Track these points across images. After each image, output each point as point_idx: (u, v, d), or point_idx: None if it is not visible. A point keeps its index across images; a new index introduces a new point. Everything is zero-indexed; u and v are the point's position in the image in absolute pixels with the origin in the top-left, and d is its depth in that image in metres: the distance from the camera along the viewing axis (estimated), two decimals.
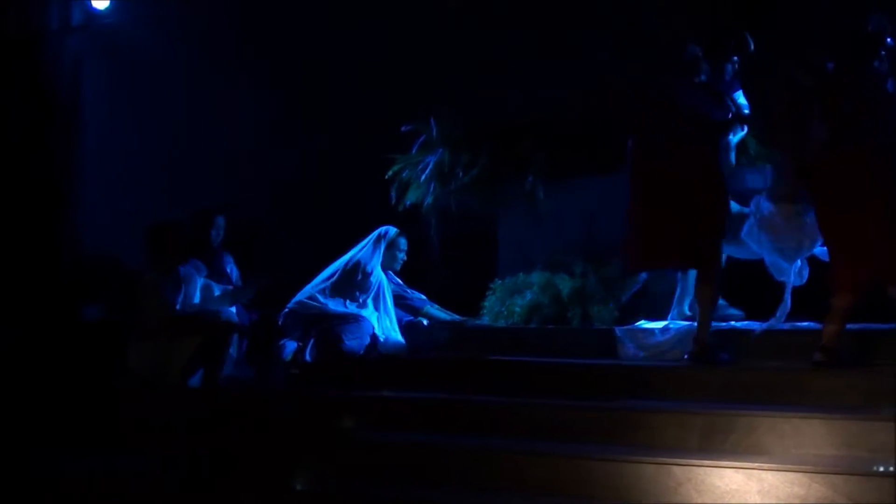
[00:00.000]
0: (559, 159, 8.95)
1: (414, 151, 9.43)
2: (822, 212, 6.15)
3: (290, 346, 7.66)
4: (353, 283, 7.82)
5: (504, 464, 5.55)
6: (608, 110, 8.51)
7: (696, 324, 6.88)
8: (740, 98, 7.61)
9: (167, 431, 6.71)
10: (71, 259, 10.20)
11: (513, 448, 5.67)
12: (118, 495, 6.12)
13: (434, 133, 9.32)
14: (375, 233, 8.07)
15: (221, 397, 7.00)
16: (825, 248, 6.32)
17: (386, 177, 9.40)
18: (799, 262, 6.61)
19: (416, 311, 8.10)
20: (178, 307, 7.33)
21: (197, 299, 7.56)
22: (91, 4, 10.62)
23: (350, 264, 7.91)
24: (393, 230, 8.11)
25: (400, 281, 8.14)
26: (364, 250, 7.97)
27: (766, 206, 6.60)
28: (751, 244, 6.75)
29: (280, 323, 7.80)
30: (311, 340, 7.57)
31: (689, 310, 7.31)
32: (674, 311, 7.37)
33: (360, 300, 7.76)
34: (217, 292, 7.65)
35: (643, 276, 7.72)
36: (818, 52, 6.51)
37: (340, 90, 10.74)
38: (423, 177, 9.19)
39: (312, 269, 8.06)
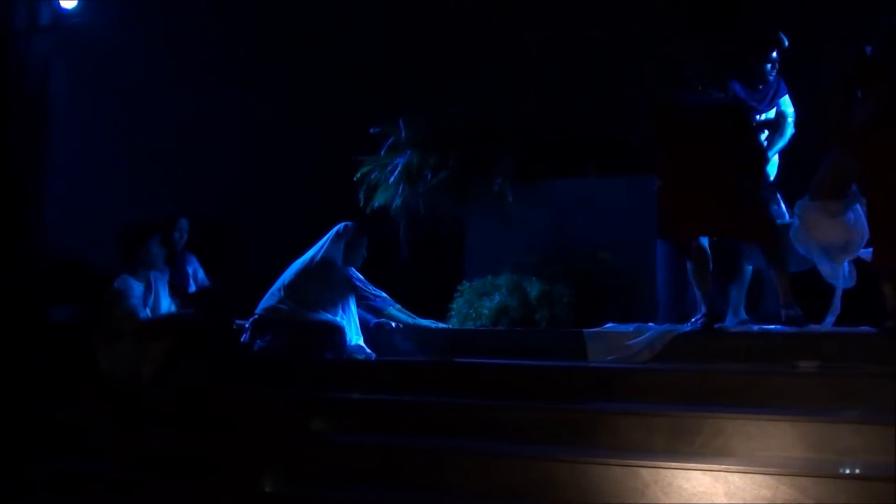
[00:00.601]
0: (527, 162, 8.96)
1: (382, 153, 9.41)
2: (872, 193, 6.32)
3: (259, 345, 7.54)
4: (324, 282, 7.62)
5: (471, 466, 5.52)
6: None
7: (665, 327, 7.00)
8: (785, 105, 7.63)
9: (134, 434, 6.63)
10: (38, 260, 10.10)
11: (480, 450, 5.63)
12: (84, 499, 6.05)
13: (403, 135, 9.31)
14: (334, 230, 7.82)
15: (189, 398, 6.91)
16: (870, 248, 6.41)
17: (354, 178, 9.37)
18: (847, 264, 6.63)
19: (378, 311, 7.86)
20: (147, 312, 7.23)
21: (165, 303, 7.47)
22: (59, 4, 10.53)
23: (315, 262, 7.69)
24: (353, 225, 7.87)
25: (362, 278, 7.91)
26: (326, 248, 7.74)
27: (809, 205, 6.62)
28: (798, 248, 6.83)
29: (248, 326, 7.65)
30: (282, 343, 7.43)
31: (747, 314, 7.40)
32: (731, 320, 7.33)
33: (334, 303, 7.60)
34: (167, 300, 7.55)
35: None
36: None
37: (309, 91, 10.69)
38: (392, 178, 9.17)
39: (277, 272, 7.94)
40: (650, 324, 7.25)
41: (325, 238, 7.76)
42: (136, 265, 7.29)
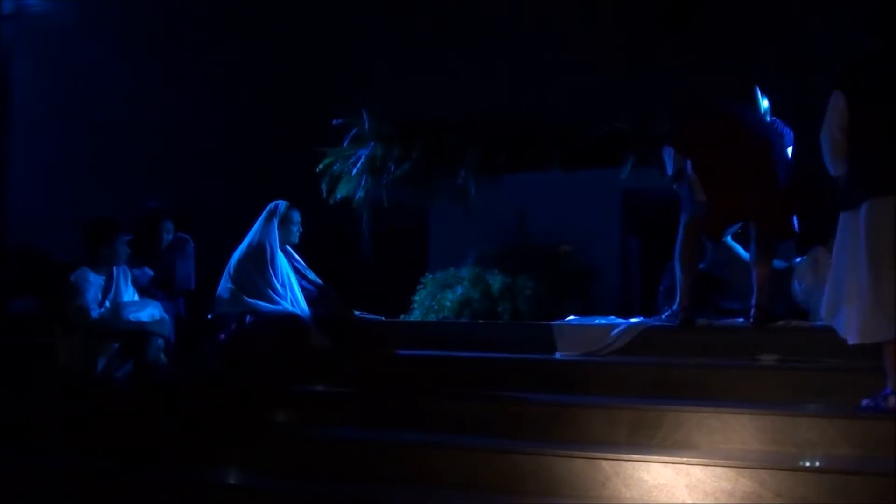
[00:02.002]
0: (491, 155, 8.96)
1: (345, 145, 9.38)
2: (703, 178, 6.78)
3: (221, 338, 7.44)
4: (263, 266, 7.40)
5: (432, 459, 5.50)
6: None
7: (632, 321, 7.03)
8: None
9: (91, 427, 6.58)
10: None
11: (441, 443, 5.63)
12: (39, 494, 6.00)
13: (366, 127, 9.29)
14: (266, 210, 7.60)
15: (146, 391, 6.86)
16: None
17: (317, 170, 9.34)
18: None
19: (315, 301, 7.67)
20: (100, 309, 7.15)
21: (126, 302, 7.35)
22: None
23: (253, 246, 7.48)
24: (283, 203, 7.62)
25: (300, 258, 7.75)
26: (260, 230, 7.52)
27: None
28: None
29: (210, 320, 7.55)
30: (235, 334, 7.32)
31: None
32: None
33: (274, 288, 7.46)
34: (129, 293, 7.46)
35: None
36: None
37: (271, 83, 10.66)
38: (355, 170, 9.15)
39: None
40: (613, 317, 7.28)
41: (258, 220, 7.57)
42: (99, 260, 7.22)
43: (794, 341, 6.31)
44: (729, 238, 7.41)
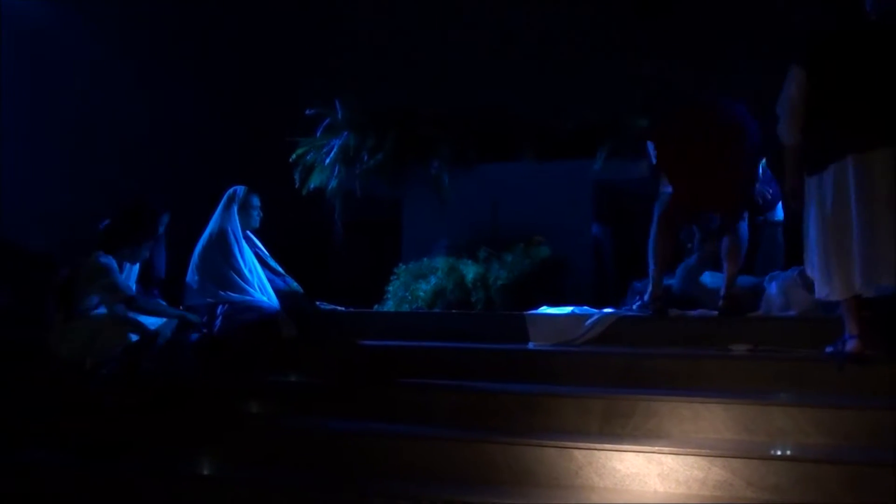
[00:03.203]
0: (464, 145, 8.96)
1: (318, 135, 9.36)
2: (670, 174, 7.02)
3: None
4: (227, 252, 7.37)
5: (405, 448, 5.50)
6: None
7: (605, 311, 7.04)
8: None
9: (71, 420, 6.52)
10: None
11: (414, 433, 5.62)
12: (21, 487, 5.94)
13: (339, 116, 9.26)
14: (224, 197, 7.57)
15: (128, 385, 6.79)
16: None
17: (290, 160, 9.31)
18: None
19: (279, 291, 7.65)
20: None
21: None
22: None
23: (215, 236, 7.44)
24: (242, 188, 7.60)
25: (261, 245, 7.72)
26: (220, 217, 7.50)
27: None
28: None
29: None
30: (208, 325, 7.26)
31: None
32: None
33: (242, 275, 7.39)
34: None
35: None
36: None
37: (244, 73, 10.62)
38: (328, 160, 9.12)
39: None
40: (585, 307, 7.30)
41: (218, 207, 7.55)
42: (124, 248, 7.03)
43: (765, 331, 6.33)
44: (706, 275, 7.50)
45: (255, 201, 7.63)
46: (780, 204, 8.22)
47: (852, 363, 5.45)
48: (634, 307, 7.14)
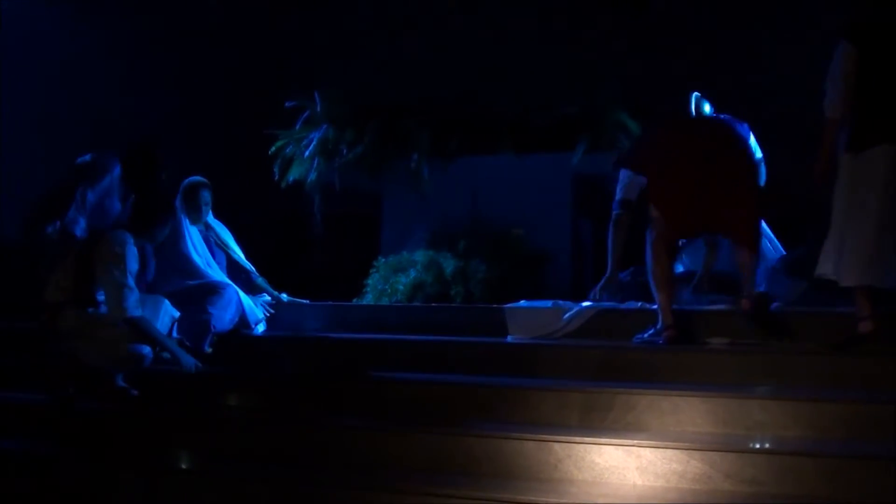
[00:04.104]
0: (444, 138, 8.94)
1: (297, 127, 9.34)
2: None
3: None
4: (176, 247, 7.19)
5: (384, 442, 5.50)
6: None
7: (584, 304, 7.04)
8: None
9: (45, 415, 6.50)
10: None
11: (394, 427, 5.62)
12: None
13: (318, 109, 9.24)
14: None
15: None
16: None
17: (269, 153, 9.29)
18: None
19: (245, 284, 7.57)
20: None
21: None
22: None
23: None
24: (187, 180, 7.46)
25: (224, 237, 7.64)
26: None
27: None
28: None
29: None
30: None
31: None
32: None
33: (202, 266, 7.25)
34: None
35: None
36: None
37: (223, 64, 10.58)
38: (307, 153, 9.10)
39: None
40: (563, 300, 7.29)
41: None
42: (155, 229, 6.64)
43: (744, 325, 6.35)
44: None
45: (206, 197, 7.52)
46: None
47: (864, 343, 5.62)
48: (646, 336, 6.73)
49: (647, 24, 9.38)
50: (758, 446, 4.91)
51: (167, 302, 6.69)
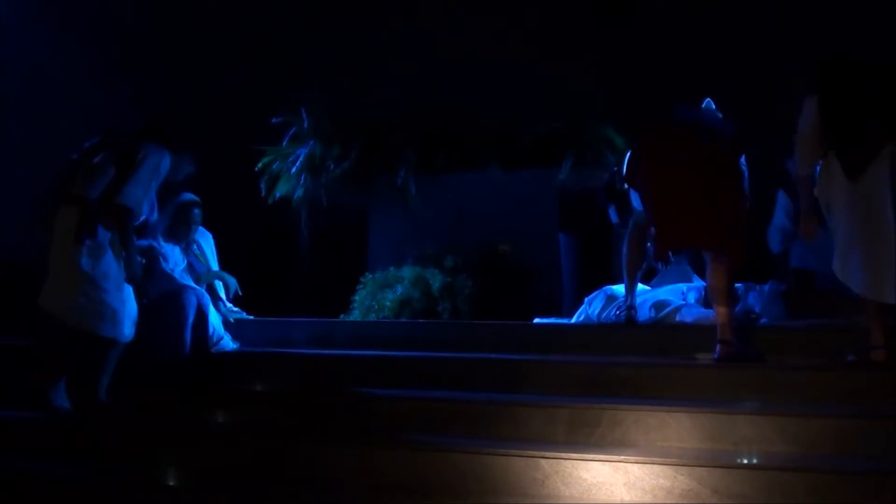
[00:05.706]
0: (430, 154, 8.95)
1: (285, 143, 9.34)
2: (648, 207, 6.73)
3: None
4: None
5: (370, 458, 5.48)
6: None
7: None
8: None
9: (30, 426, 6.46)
10: None
11: (382, 442, 5.61)
12: None
13: (305, 125, 9.24)
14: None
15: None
16: None
17: (256, 169, 9.28)
18: None
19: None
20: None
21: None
22: None
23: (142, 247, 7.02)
24: (180, 197, 7.37)
25: (206, 249, 7.60)
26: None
27: None
28: None
29: None
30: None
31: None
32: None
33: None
34: None
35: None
36: None
37: (209, 80, 10.56)
38: (294, 169, 9.10)
39: None
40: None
41: None
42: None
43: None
44: None
45: (197, 216, 7.46)
46: None
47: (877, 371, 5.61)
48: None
49: (630, 38, 9.41)
50: (745, 462, 4.89)
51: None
